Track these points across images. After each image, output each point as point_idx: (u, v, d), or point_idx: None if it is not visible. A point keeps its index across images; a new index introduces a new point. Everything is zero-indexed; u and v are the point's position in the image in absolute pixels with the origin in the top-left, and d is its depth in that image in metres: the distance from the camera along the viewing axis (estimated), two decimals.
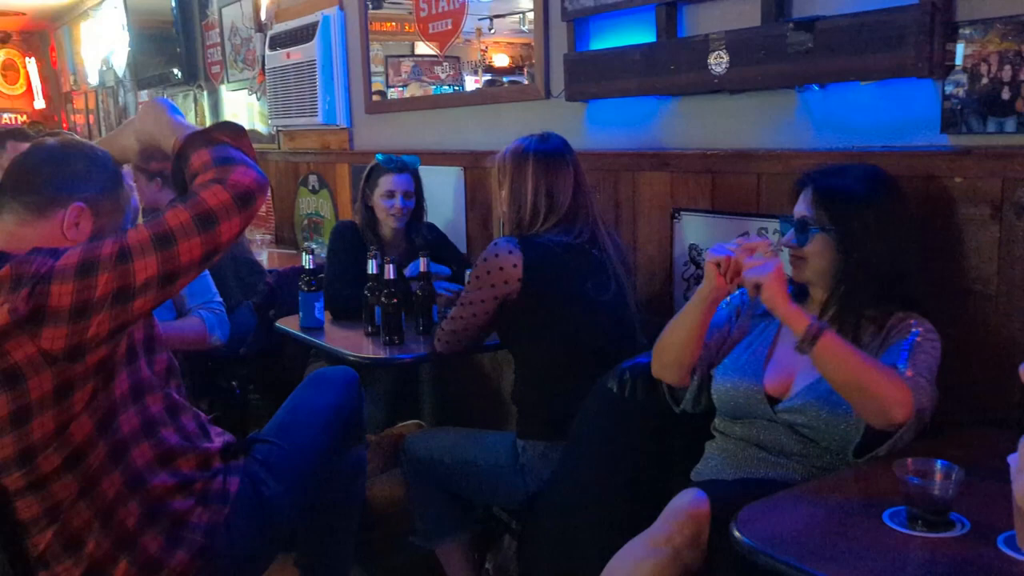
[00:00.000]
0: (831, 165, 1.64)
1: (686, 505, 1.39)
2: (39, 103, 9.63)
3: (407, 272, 2.42)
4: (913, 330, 1.46)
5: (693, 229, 2.18)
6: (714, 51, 1.97)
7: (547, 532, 1.83)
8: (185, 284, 1.37)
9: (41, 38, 9.41)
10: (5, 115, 9.24)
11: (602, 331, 1.96)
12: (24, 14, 8.37)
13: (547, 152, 2.00)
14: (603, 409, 1.79)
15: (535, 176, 1.97)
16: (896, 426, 1.35)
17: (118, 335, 1.35)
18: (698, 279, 2.19)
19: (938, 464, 1.17)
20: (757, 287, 1.42)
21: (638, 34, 2.25)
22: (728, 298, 1.76)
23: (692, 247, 2.19)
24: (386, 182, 2.67)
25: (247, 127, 4.74)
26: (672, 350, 1.65)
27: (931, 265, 1.62)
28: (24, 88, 9.73)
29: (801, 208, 1.55)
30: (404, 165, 2.70)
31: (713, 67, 1.98)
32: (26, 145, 1.55)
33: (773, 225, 1.99)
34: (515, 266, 1.91)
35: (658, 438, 1.77)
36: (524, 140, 2.03)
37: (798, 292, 1.62)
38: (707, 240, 2.15)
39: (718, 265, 1.50)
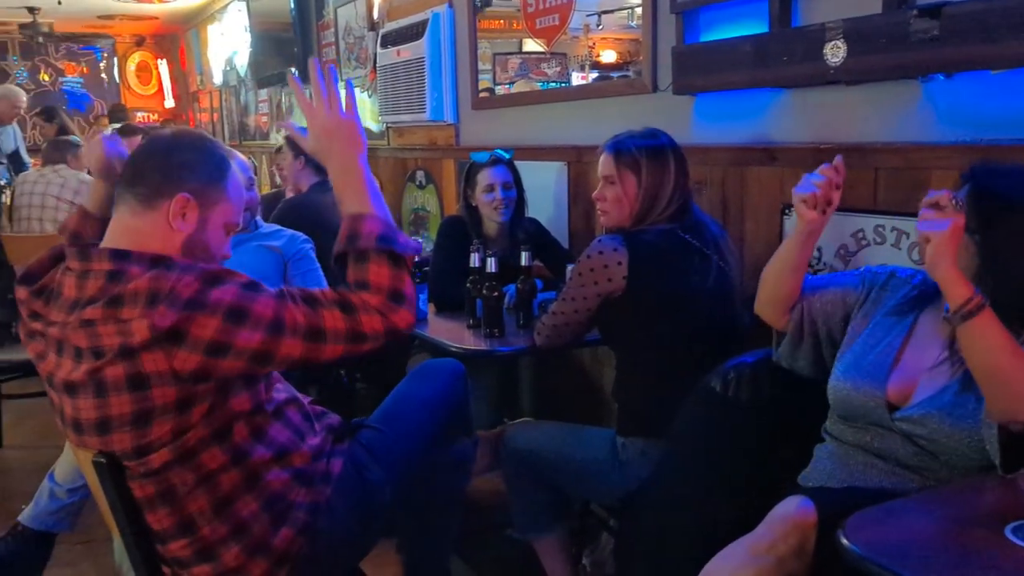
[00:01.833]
0: (1003, 163, 1.52)
1: (791, 513, 1.33)
2: (169, 102, 10.22)
3: (506, 301, 2.43)
4: None
5: None
6: (830, 41, 1.89)
7: (644, 531, 1.81)
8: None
9: (172, 41, 9.97)
10: (139, 114, 9.85)
11: (706, 328, 1.92)
12: (157, 18, 8.89)
13: (654, 148, 1.96)
14: (705, 408, 1.75)
15: (648, 173, 1.94)
16: (1020, 423, 1.25)
17: (244, 376, 1.42)
18: None
19: None
20: (927, 242, 1.30)
21: (749, 25, 2.18)
22: (862, 268, 1.69)
23: None
24: (484, 177, 2.71)
25: None
26: (768, 284, 1.66)
27: None
28: (156, 88, 10.35)
29: None
30: (498, 158, 2.74)
31: (829, 58, 1.90)
32: (137, 139, 1.60)
33: (891, 223, 1.90)
34: (620, 264, 1.88)
35: (763, 440, 1.71)
36: (631, 137, 2.00)
37: (934, 292, 1.54)
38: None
39: (805, 202, 1.52)
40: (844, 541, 1.11)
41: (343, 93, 1.55)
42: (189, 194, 1.43)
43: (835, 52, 1.88)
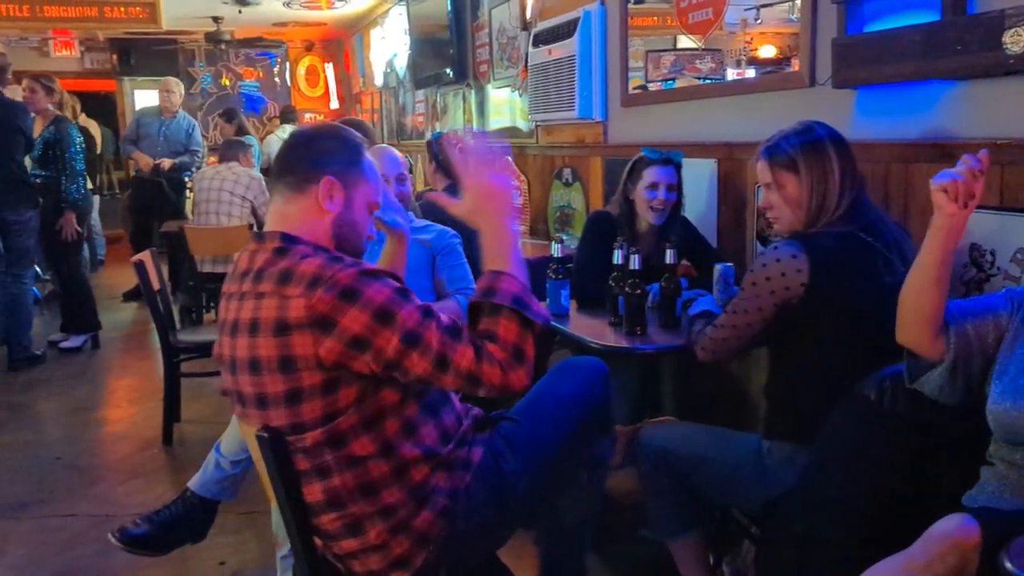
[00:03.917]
0: None
1: (952, 531, 1.25)
2: (334, 104, 10.80)
3: (650, 299, 2.41)
4: None
5: (976, 227, 1.95)
6: (1011, 28, 1.75)
7: (788, 542, 1.74)
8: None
9: (338, 45, 10.53)
10: (307, 115, 10.46)
11: (882, 337, 1.80)
12: (325, 24, 9.41)
13: (810, 142, 1.86)
14: (858, 417, 1.66)
15: (807, 170, 1.84)
16: None
17: (376, 377, 1.46)
18: (979, 284, 1.96)
19: None
20: None
21: (918, 14, 2.05)
22: (1004, 289, 1.56)
23: (974, 247, 1.97)
24: (650, 174, 2.67)
25: (508, 123, 5.01)
26: (909, 303, 1.53)
27: None
28: (322, 91, 10.97)
29: None
30: (669, 158, 2.70)
31: (1009, 46, 1.76)
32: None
33: None
34: (799, 271, 1.78)
35: (920, 456, 1.60)
36: (784, 137, 1.89)
37: None
38: (992, 240, 1.92)
39: (945, 191, 1.40)
40: (1008, 566, 1.03)
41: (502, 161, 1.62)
42: (334, 176, 1.56)
43: (1016, 40, 1.74)
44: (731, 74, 3.52)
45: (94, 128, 7.44)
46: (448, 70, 5.78)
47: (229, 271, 1.62)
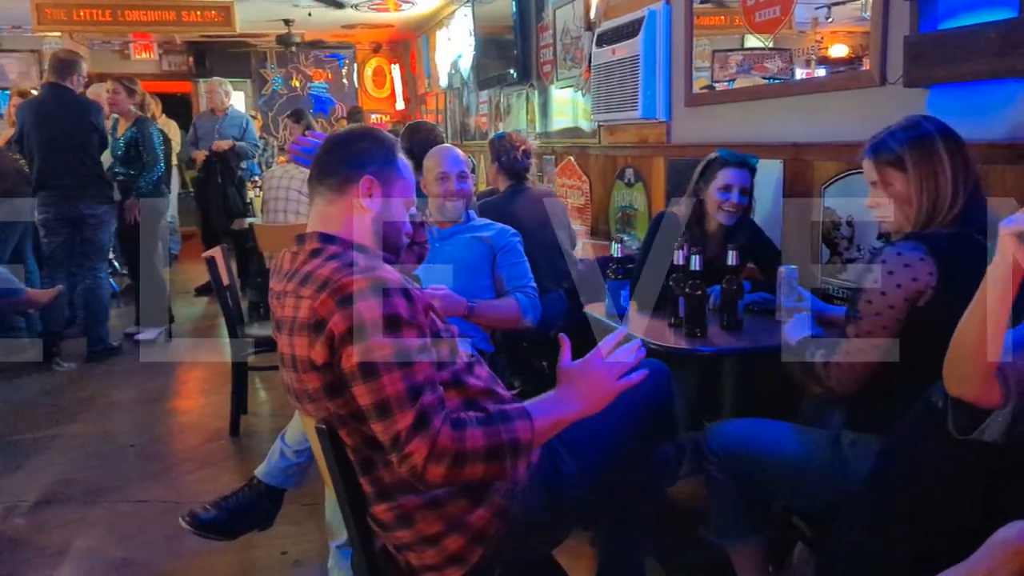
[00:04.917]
0: None
1: (1013, 538, 1.21)
2: (399, 105, 10.93)
3: (711, 301, 2.38)
4: None
5: None
6: None
7: (849, 549, 1.70)
8: None
9: (404, 47, 10.65)
10: (373, 116, 10.62)
11: None
12: (392, 26, 9.54)
13: (917, 138, 1.78)
14: (925, 422, 1.61)
15: (915, 167, 1.76)
16: None
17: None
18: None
19: None
20: None
21: (995, 11, 1.99)
22: None
23: None
24: (724, 175, 2.64)
25: (571, 124, 5.01)
26: (966, 356, 1.37)
27: None
28: (388, 92, 11.12)
29: None
30: (745, 161, 2.65)
31: None
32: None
33: None
34: (930, 274, 1.69)
35: (991, 467, 1.55)
36: (890, 133, 1.81)
37: None
38: None
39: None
40: None
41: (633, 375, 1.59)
42: (372, 175, 1.61)
43: None
44: (800, 74, 3.45)
45: (173, 129, 7.68)
46: (512, 71, 5.79)
47: (272, 269, 1.68)
